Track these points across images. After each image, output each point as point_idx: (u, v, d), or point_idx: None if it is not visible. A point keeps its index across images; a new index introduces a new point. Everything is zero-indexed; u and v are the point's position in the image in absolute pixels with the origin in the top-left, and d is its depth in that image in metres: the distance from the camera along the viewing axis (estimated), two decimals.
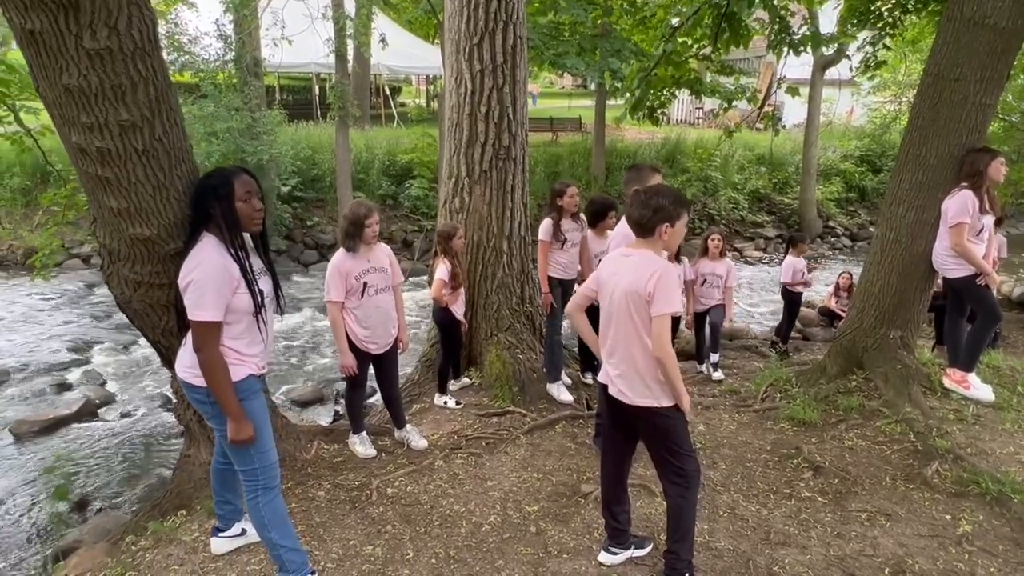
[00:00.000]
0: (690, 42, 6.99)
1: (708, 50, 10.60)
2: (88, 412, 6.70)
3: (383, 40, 10.47)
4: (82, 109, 2.16)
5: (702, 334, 6.47)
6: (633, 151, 16.00)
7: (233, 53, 11.08)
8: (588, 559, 2.91)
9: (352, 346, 3.98)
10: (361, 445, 4.23)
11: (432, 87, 25.35)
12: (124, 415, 6.75)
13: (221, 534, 2.95)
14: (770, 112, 6.15)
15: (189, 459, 3.90)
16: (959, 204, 4.21)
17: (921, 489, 3.50)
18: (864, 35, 7.28)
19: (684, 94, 17.48)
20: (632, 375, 2.61)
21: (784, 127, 22.40)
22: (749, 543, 3.08)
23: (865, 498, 3.46)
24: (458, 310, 5.21)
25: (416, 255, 12.92)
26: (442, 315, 5.01)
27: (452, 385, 5.53)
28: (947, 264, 4.40)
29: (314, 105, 19.60)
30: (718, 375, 6.01)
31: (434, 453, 4.08)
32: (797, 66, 16.58)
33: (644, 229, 2.61)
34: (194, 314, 2.26)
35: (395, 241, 13.34)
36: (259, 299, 2.38)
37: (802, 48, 4.78)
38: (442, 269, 4.91)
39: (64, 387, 7.37)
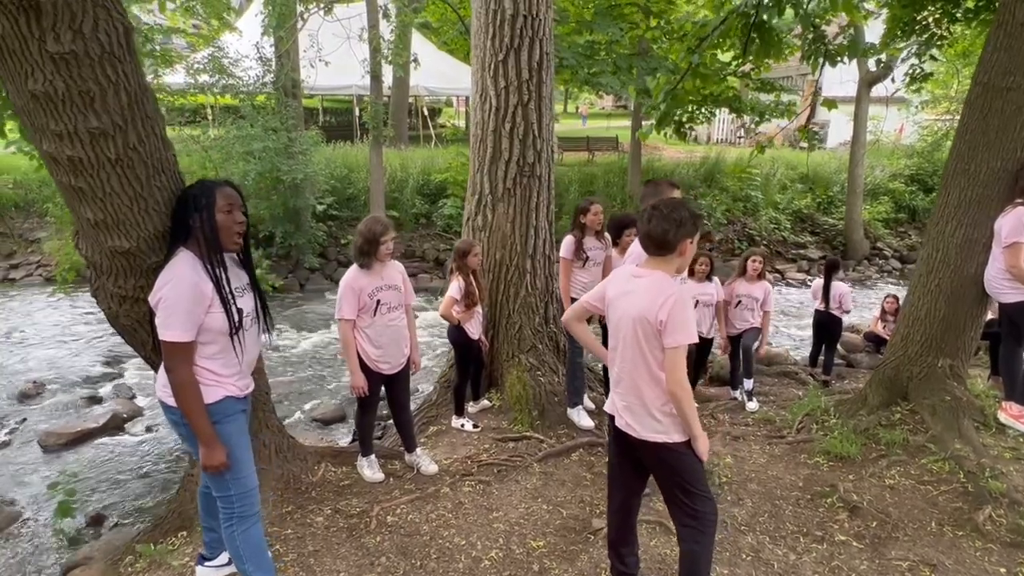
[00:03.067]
0: (727, 58, 6.76)
1: (747, 67, 10.38)
2: (115, 426, 6.75)
3: (415, 60, 10.54)
4: (50, 116, 2.09)
5: (736, 359, 6.18)
6: (670, 170, 15.70)
7: (272, 75, 11.31)
8: None
9: (363, 366, 3.86)
10: (369, 469, 4.09)
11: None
12: (149, 429, 6.78)
13: (207, 563, 2.82)
14: (804, 128, 5.86)
15: (192, 479, 3.81)
16: (1014, 222, 3.87)
17: (971, 537, 3.15)
18: (912, 48, 6.94)
19: (724, 112, 17.16)
20: (639, 408, 2.40)
21: (822, 145, 21.85)
22: None
23: (907, 545, 3.13)
24: (473, 329, 5.06)
25: (447, 274, 12.87)
26: (456, 334, 4.88)
27: (471, 407, 5.37)
28: (1001, 288, 4.05)
29: (354, 126, 19.94)
30: (752, 405, 5.70)
31: (443, 479, 3.92)
32: (843, 83, 16.15)
33: (665, 246, 2.38)
34: (163, 333, 2.16)
35: (427, 260, 13.33)
36: (235, 319, 2.27)
37: (839, 59, 4.53)
38: (454, 286, 4.79)
39: (95, 400, 7.47)
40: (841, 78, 14.55)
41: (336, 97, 23.48)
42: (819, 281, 7.38)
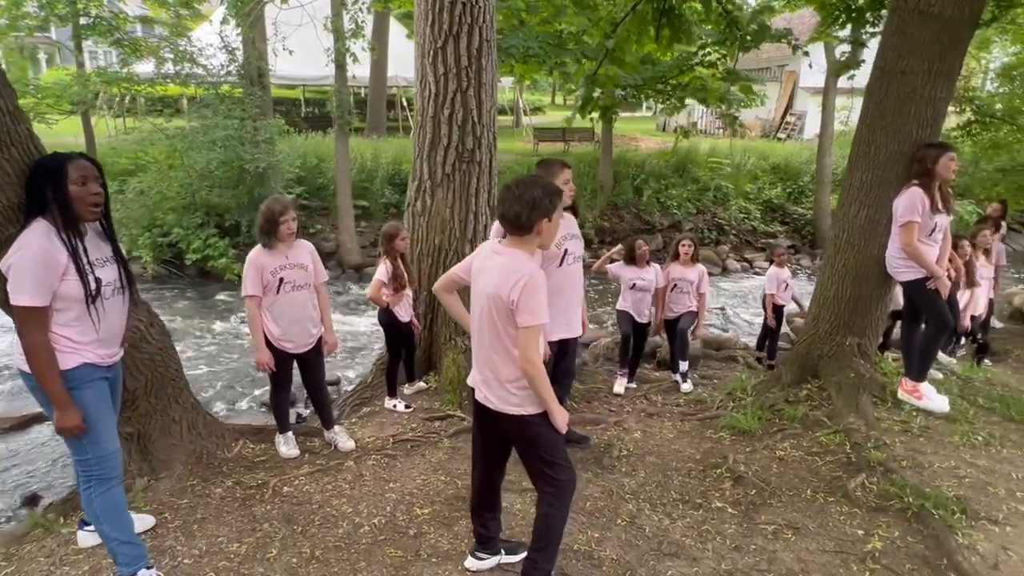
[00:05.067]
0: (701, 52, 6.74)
1: (714, 58, 10.42)
2: None
3: (373, 48, 10.58)
4: None
5: (675, 342, 6.29)
6: (641, 160, 15.78)
7: (236, 64, 11.32)
8: (456, 564, 2.79)
9: (270, 344, 3.95)
10: (285, 445, 4.17)
11: None
12: None
13: (86, 527, 2.91)
14: (733, 119, 5.93)
15: None
16: (908, 201, 3.99)
17: (840, 502, 3.27)
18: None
19: (693, 103, 17.17)
20: (494, 382, 2.49)
21: (800, 137, 21.93)
22: (636, 554, 2.92)
23: (778, 510, 3.25)
24: (402, 312, 5.14)
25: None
26: (385, 317, 4.97)
27: (407, 389, 5.47)
28: (897, 266, 4.17)
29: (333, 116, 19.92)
30: (686, 386, 5.80)
31: (354, 454, 4.01)
32: (817, 74, 16.22)
33: (520, 227, 2.42)
34: (13, 298, 2.24)
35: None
36: (92, 287, 2.35)
37: (751, 44, 4.61)
38: (381, 270, 4.87)
39: None
40: (817, 69, 14.63)
41: (321, 88, 23.45)
42: (773, 269, 7.58)
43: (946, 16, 3.87)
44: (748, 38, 4.50)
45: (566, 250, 3.62)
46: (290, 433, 4.25)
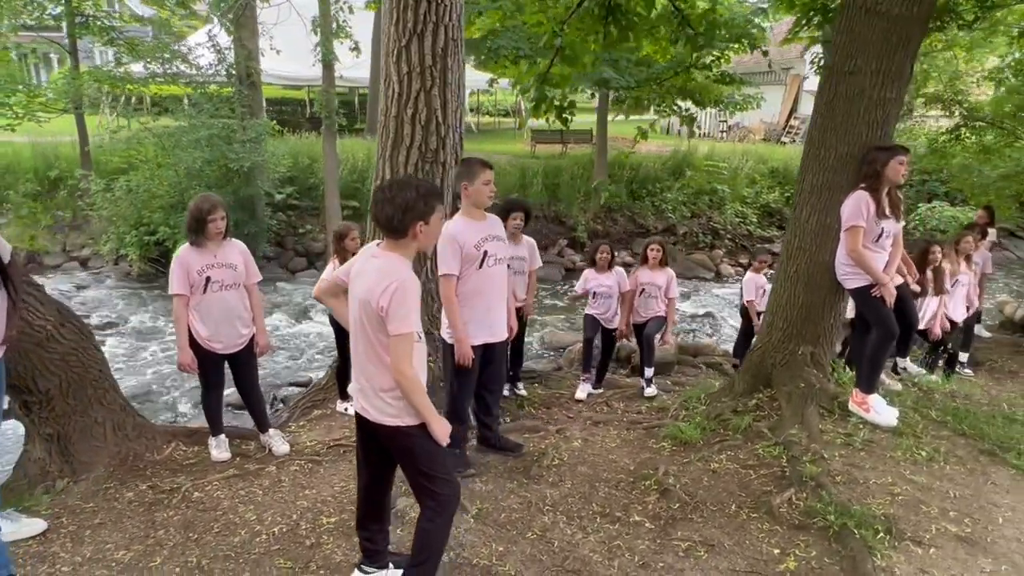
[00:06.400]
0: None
1: (709, 60, 10.27)
2: None
3: (357, 48, 10.55)
4: None
5: (642, 348, 6.17)
6: (637, 163, 15.62)
7: (225, 63, 11.33)
8: None
9: (196, 345, 3.88)
10: (216, 448, 4.10)
11: None
12: None
13: None
14: (692, 120, 5.79)
15: (27, 454, 3.85)
16: (852, 206, 3.85)
17: (763, 519, 3.13)
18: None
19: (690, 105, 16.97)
20: (369, 391, 2.40)
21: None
22: (537, 569, 2.80)
23: (697, 525, 3.12)
24: None
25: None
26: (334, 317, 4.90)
27: (352, 388, 5.39)
28: (845, 273, 4.02)
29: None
30: (651, 391, 5.68)
31: (278, 460, 3.93)
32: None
33: (393, 231, 2.32)
34: None
35: None
36: None
37: (702, 44, 4.48)
38: (328, 269, 4.80)
39: None
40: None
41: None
42: (750, 275, 7.45)
43: (894, 14, 3.72)
44: (699, 39, 4.37)
45: (486, 252, 3.52)
46: (223, 436, 4.17)
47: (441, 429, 2.38)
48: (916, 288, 5.19)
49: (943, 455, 3.60)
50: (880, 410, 3.98)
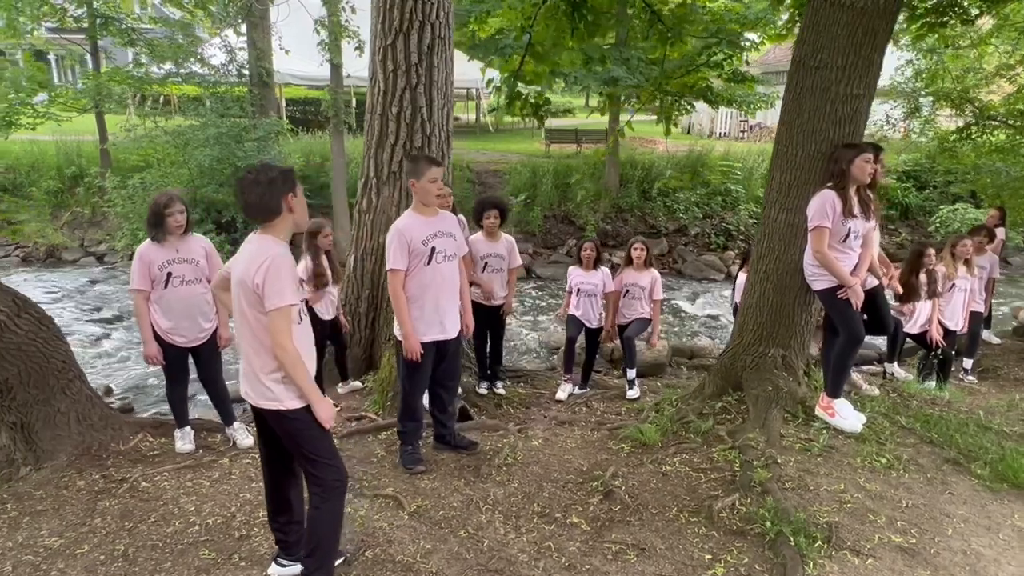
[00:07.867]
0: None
1: (720, 58, 10.12)
2: None
3: (360, 47, 10.65)
4: None
5: (624, 350, 6.10)
6: (649, 164, 15.45)
7: (237, 64, 11.53)
8: (262, 570, 2.70)
9: (159, 338, 3.95)
10: (181, 440, 4.16)
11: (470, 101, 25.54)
12: None
13: None
14: (669, 117, 5.70)
15: None
16: (817, 206, 3.74)
17: (701, 524, 3.06)
18: None
19: (702, 105, 16.71)
20: (250, 374, 2.41)
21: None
22: (460, 567, 2.78)
23: (633, 528, 3.06)
24: (323, 310, 5.12)
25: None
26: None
27: (341, 388, 5.44)
28: (812, 274, 3.92)
29: (352, 116, 20.18)
30: (633, 392, 5.60)
31: (236, 453, 3.98)
32: None
33: (267, 210, 2.34)
34: None
35: None
36: None
37: (673, 39, 4.40)
38: (300, 266, 4.84)
39: None
40: None
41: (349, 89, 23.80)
42: (743, 276, 7.26)
43: (859, 6, 3.61)
44: (669, 34, 4.30)
45: (434, 248, 3.50)
46: (188, 428, 4.23)
47: (325, 411, 2.39)
48: (897, 289, 5.02)
49: (903, 463, 3.48)
50: (845, 415, 3.87)
